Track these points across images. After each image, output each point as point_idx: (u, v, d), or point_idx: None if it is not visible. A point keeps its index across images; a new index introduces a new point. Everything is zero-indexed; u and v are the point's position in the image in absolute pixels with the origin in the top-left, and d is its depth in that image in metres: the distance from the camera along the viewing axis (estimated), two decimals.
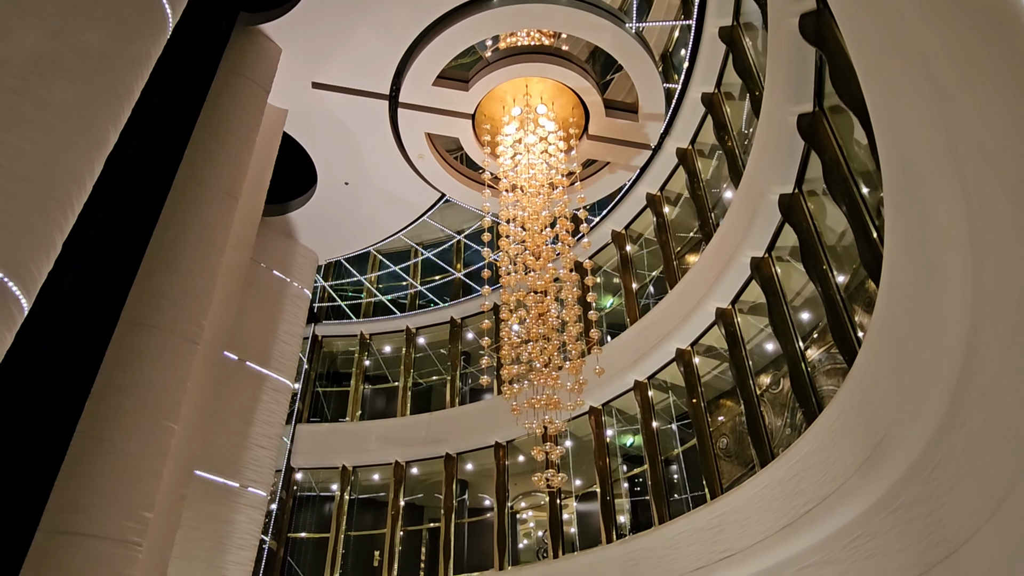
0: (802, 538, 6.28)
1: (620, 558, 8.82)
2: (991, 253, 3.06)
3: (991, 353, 3.29)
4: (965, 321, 3.26)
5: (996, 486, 3.65)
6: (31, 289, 2.53)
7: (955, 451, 4.05)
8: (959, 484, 4.15)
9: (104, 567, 4.44)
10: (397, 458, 12.58)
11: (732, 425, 10.07)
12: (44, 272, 2.61)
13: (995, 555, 3.86)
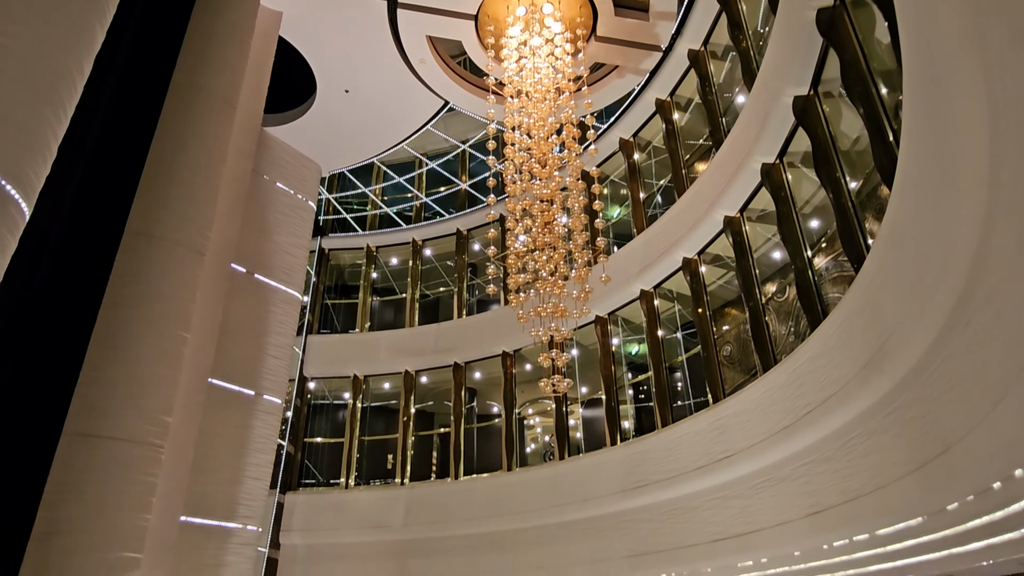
0: (800, 438, 6.48)
1: (623, 459, 9.16)
2: (1010, 155, 2.97)
3: (1001, 255, 3.25)
4: (977, 223, 3.20)
5: (994, 386, 3.71)
6: (30, 194, 2.50)
7: (956, 353, 4.09)
8: (958, 385, 4.22)
9: (129, 468, 4.63)
10: (407, 367, 12.89)
11: (736, 333, 10.19)
12: (42, 176, 2.57)
13: (989, 452, 3.98)
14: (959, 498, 4.39)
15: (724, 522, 7.68)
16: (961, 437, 4.19)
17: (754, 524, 7.26)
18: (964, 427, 4.15)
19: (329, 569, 10.92)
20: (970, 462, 4.12)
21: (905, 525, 5.22)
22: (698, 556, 7.92)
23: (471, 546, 10.35)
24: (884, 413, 5.30)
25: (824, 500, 6.21)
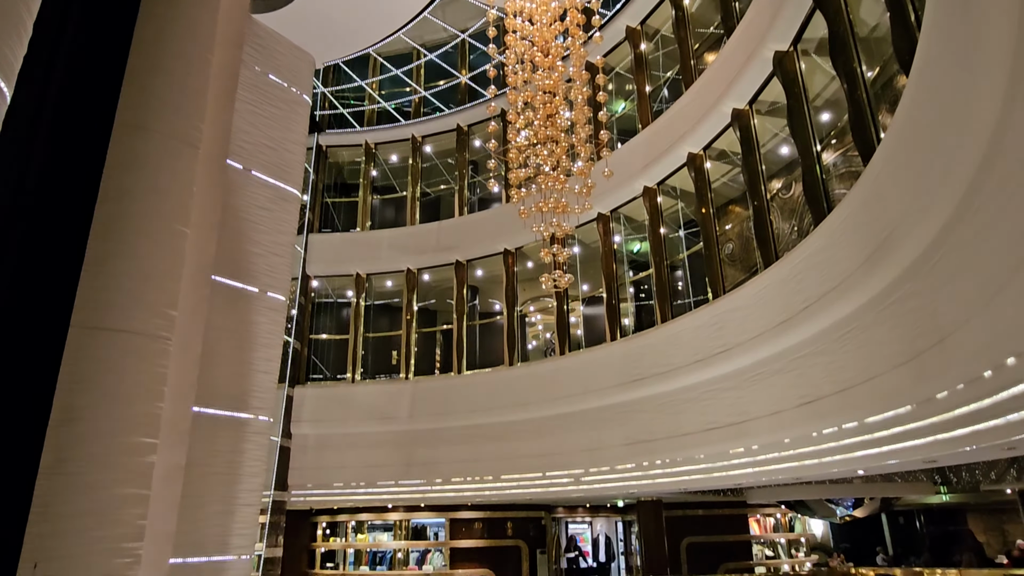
0: (797, 332, 6.58)
1: (623, 353, 9.37)
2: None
3: (1017, 138, 3.15)
4: (996, 102, 3.08)
5: (995, 277, 3.70)
6: (9, 74, 2.40)
7: (960, 244, 4.06)
8: (958, 276, 4.22)
9: (139, 359, 4.73)
10: (409, 265, 12.95)
11: (739, 231, 10.15)
12: (19, 56, 2.45)
13: (983, 342, 4.03)
14: (949, 387, 4.50)
15: (718, 412, 7.96)
16: (957, 328, 4.24)
17: (747, 414, 7.52)
18: (961, 318, 4.19)
19: (339, 456, 11.45)
20: (964, 352, 4.19)
21: (894, 413, 5.39)
22: (692, 443, 8.26)
23: (474, 436, 10.80)
24: (882, 306, 5.35)
25: (816, 391, 6.38)
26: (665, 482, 10.95)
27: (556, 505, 16.76)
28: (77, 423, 4.17)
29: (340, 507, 15.36)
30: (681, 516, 15.66)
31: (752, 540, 16.66)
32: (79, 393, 4.29)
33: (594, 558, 18.59)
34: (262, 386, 7.56)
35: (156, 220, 5.04)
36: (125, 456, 4.20)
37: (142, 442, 4.36)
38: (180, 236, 5.19)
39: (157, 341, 4.81)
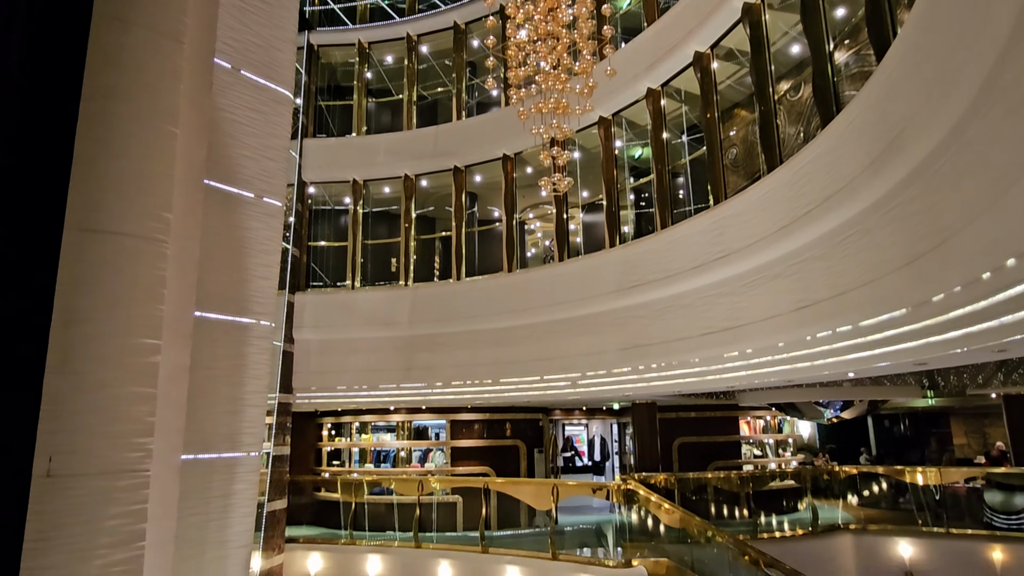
0: (797, 237, 6.55)
1: (621, 259, 9.38)
2: None
3: None
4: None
5: (1004, 175, 3.64)
6: None
7: (973, 142, 3.96)
8: (966, 177, 4.15)
9: (137, 261, 4.70)
10: (406, 171, 12.74)
11: (743, 135, 9.92)
12: None
13: (985, 243, 4.01)
14: (946, 289, 4.52)
15: (714, 317, 8.05)
16: (959, 230, 4.20)
17: (743, 319, 7.61)
18: (965, 219, 4.15)
19: (342, 361, 11.70)
20: (964, 254, 4.18)
21: (888, 316, 5.45)
22: (687, 348, 8.41)
23: (473, 341, 10.98)
24: (885, 210, 5.29)
25: (813, 295, 6.43)
26: (660, 385, 11.25)
27: (553, 408, 17.32)
28: (79, 324, 4.20)
29: (344, 409, 15.87)
30: (674, 418, 16.21)
31: (741, 440, 17.32)
32: (79, 295, 4.29)
33: (589, 457, 19.42)
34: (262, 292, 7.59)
35: (145, 120, 4.88)
36: (129, 356, 4.25)
37: (145, 343, 4.41)
38: (169, 136, 5.05)
39: (153, 244, 4.78)
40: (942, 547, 12.00)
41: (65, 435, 3.76)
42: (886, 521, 12.81)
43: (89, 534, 3.61)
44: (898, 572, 12.28)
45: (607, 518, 12.48)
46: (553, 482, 11.24)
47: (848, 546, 12.74)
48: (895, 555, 12.32)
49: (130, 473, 3.87)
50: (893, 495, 13.73)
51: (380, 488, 13.18)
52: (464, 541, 11.05)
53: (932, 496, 12.58)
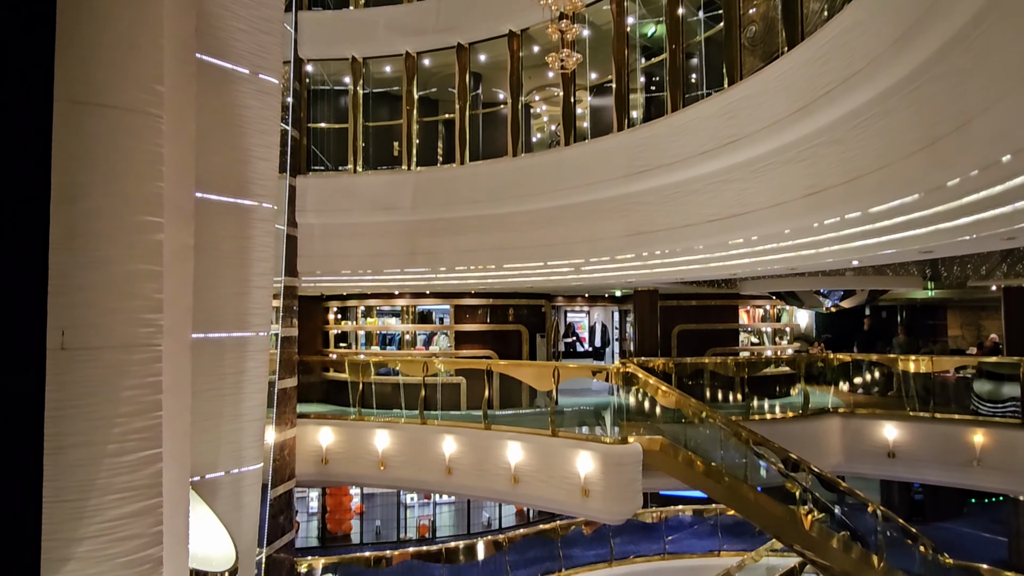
0: (813, 120, 6.32)
1: (629, 144, 9.14)
2: None
3: None
4: None
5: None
6: None
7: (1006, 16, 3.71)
8: (996, 53, 3.92)
9: (131, 136, 4.57)
10: (407, 48, 12.16)
11: (764, 11, 9.34)
12: None
13: (1010, 124, 3.86)
14: (963, 173, 4.40)
15: (721, 204, 7.94)
16: (984, 110, 4.03)
17: (750, 205, 7.51)
18: (990, 99, 3.96)
19: (345, 245, 11.72)
20: (986, 135, 4.03)
21: (900, 202, 5.36)
22: (692, 235, 8.37)
23: (477, 226, 10.94)
24: (908, 90, 5.06)
25: (824, 181, 6.30)
26: (663, 272, 11.32)
27: (556, 294, 17.55)
28: (80, 200, 4.14)
29: (349, 294, 16.11)
30: (675, 306, 16.45)
31: (740, 329, 17.67)
32: (76, 171, 4.21)
33: (590, 343, 19.91)
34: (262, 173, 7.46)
35: None
36: (132, 234, 4.23)
37: (147, 220, 4.37)
38: (155, 2, 4.77)
39: (147, 118, 4.62)
40: (926, 430, 12.51)
41: (76, 310, 3.82)
42: (874, 406, 13.29)
43: (108, 404, 3.74)
44: (881, 453, 12.89)
45: (605, 400, 12.95)
46: (554, 364, 11.57)
47: (835, 428, 13.29)
48: (880, 437, 12.87)
49: (143, 347, 3.96)
50: (884, 383, 14.15)
51: (386, 369, 13.62)
52: (467, 419, 11.53)
53: (921, 384, 12.96)
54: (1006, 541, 15.51)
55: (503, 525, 19.06)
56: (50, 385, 3.64)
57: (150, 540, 3.80)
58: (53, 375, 3.66)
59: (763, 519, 10.92)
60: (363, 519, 18.98)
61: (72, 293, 3.85)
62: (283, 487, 10.52)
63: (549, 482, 9.89)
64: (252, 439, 8.04)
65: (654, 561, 15.86)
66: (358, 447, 11.44)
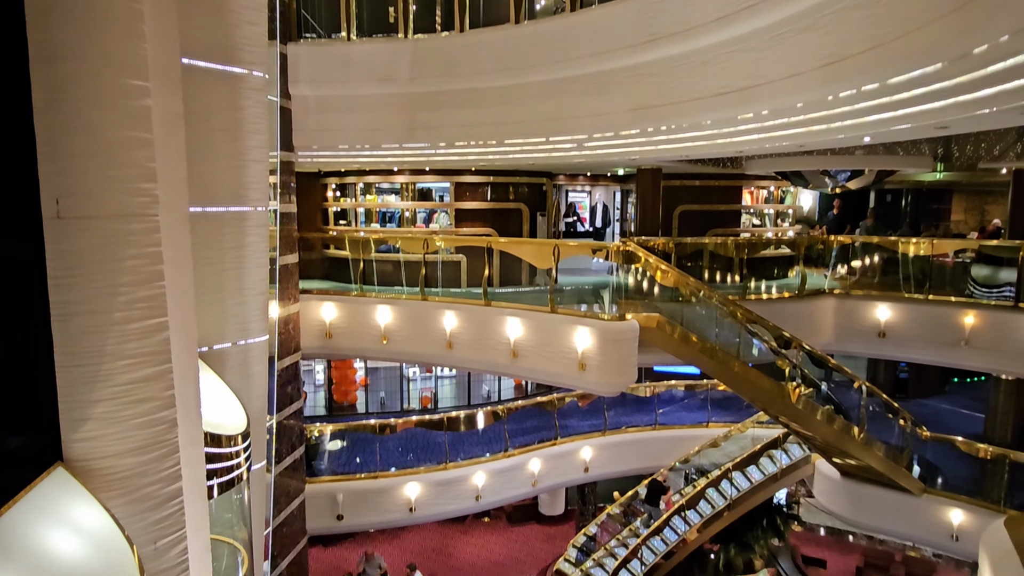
0: None
1: (639, 9, 8.55)
2: None
3: None
4: None
5: None
6: None
7: None
8: None
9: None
10: None
11: None
12: None
13: None
14: (992, 39, 4.15)
15: (731, 76, 7.59)
16: None
17: (762, 78, 7.18)
18: None
19: (342, 119, 11.34)
20: None
21: (920, 72, 5.11)
22: (699, 109, 8.07)
23: (477, 99, 10.53)
24: None
25: (843, 50, 5.96)
26: (668, 149, 11.05)
27: (558, 172, 17.26)
28: (60, 61, 3.94)
29: (347, 170, 15.83)
30: (678, 186, 16.23)
31: (742, 210, 17.55)
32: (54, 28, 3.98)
33: (591, 224, 19.84)
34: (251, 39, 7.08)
35: None
36: (118, 98, 4.05)
37: (133, 84, 4.17)
38: None
39: None
40: (918, 311, 12.74)
41: (67, 177, 3.74)
42: (870, 288, 13.45)
43: (110, 273, 3.75)
44: (872, 332, 13.20)
45: (604, 280, 13.08)
46: (554, 242, 11.57)
47: (829, 309, 13.52)
48: (872, 318, 13.14)
49: (140, 217, 3.92)
50: (882, 266, 14.24)
51: (387, 246, 13.66)
52: (468, 296, 11.70)
53: (919, 267, 13.04)
54: (983, 417, 16.27)
55: (502, 398, 19.90)
56: (50, 254, 3.63)
57: (163, 403, 3.95)
58: (52, 244, 3.64)
59: (753, 393, 11.39)
60: (367, 391, 19.78)
61: (63, 159, 3.75)
62: (289, 359, 10.86)
63: (547, 356, 10.20)
64: (256, 312, 8.19)
65: (645, 431, 16.72)
66: (361, 322, 11.69)
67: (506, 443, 14.50)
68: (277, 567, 10.56)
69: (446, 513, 13.89)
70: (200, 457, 4.74)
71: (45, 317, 3.57)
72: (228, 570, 6.82)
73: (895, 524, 12.46)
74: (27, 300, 3.58)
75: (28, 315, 3.55)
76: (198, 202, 6.87)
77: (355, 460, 13.62)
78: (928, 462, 12.85)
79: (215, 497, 5.44)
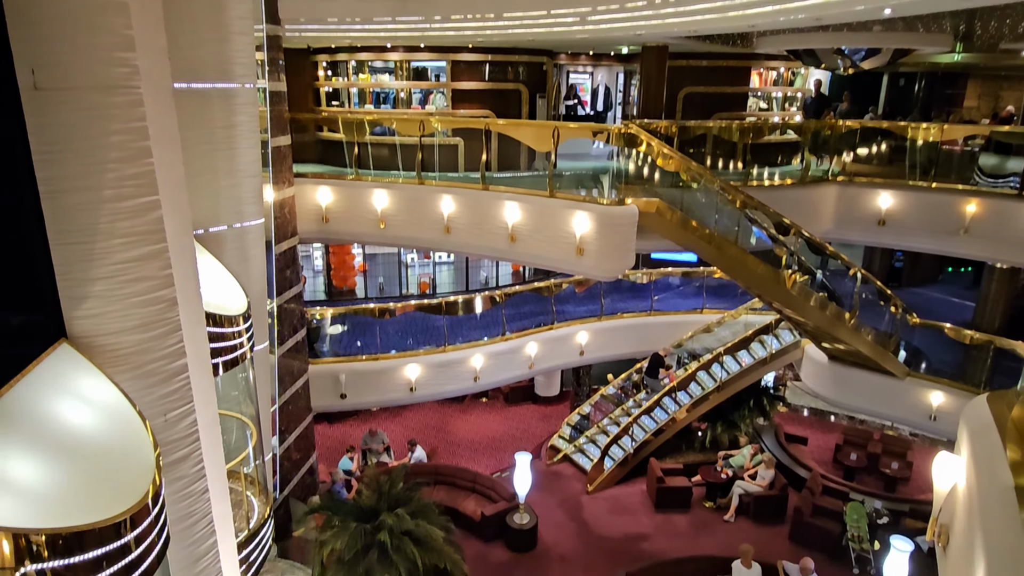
0: None
1: None
2: None
3: None
4: None
5: None
6: None
7: None
8: None
9: None
10: None
11: None
12: None
13: None
14: None
15: None
16: None
17: None
18: None
19: None
20: None
21: None
22: None
23: None
24: None
25: None
26: (676, 22, 10.47)
27: (559, 51, 16.48)
28: None
29: (338, 46, 15.08)
30: (684, 67, 15.56)
31: (750, 92, 16.94)
32: None
33: (592, 107, 19.19)
34: None
35: None
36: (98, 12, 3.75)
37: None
38: None
39: None
40: (920, 199, 12.62)
41: (41, 45, 3.53)
42: (875, 176, 13.24)
43: (96, 148, 3.63)
44: (872, 220, 13.13)
45: (604, 165, 12.81)
46: (554, 124, 11.22)
47: (832, 196, 13.37)
48: (873, 205, 13.02)
49: (122, 89, 3.75)
50: (889, 152, 13.94)
51: (382, 128, 13.24)
52: (466, 180, 11.50)
53: (926, 155, 12.77)
54: (973, 306, 16.55)
55: (500, 284, 20.10)
56: (31, 128, 3.49)
57: (161, 282, 3.94)
58: (32, 117, 3.49)
59: (749, 279, 11.49)
60: (366, 277, 19.94)
61: (32, 27, 3.52)
62: (286, 243, 10.83)
63: (545, 241, 10.17)
64: (251, 194, 8.05)
65: (640, 317, 17.03)
66: (357, 206, 11.56)
67: (503, 327, 14.78)
68: (285, 441, 11.08)
69: (445, 393, 14.40)
70: (203, 336, 4.80)
71: (34, 194, 3.49)
72: (238, 442, 7.15)
73: (877, 405, 12.99)
74: (13, 176, 3.48)
75: (16, 192, 3.46)
76: (182, 78, 6.55)
77: (356, 343, 13.94)
78: (914, 348, 13.20)
79: (220, 375, 5.58)
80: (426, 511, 9.63)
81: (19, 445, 2.89)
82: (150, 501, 3.14)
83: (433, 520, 9.52)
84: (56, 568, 2.56)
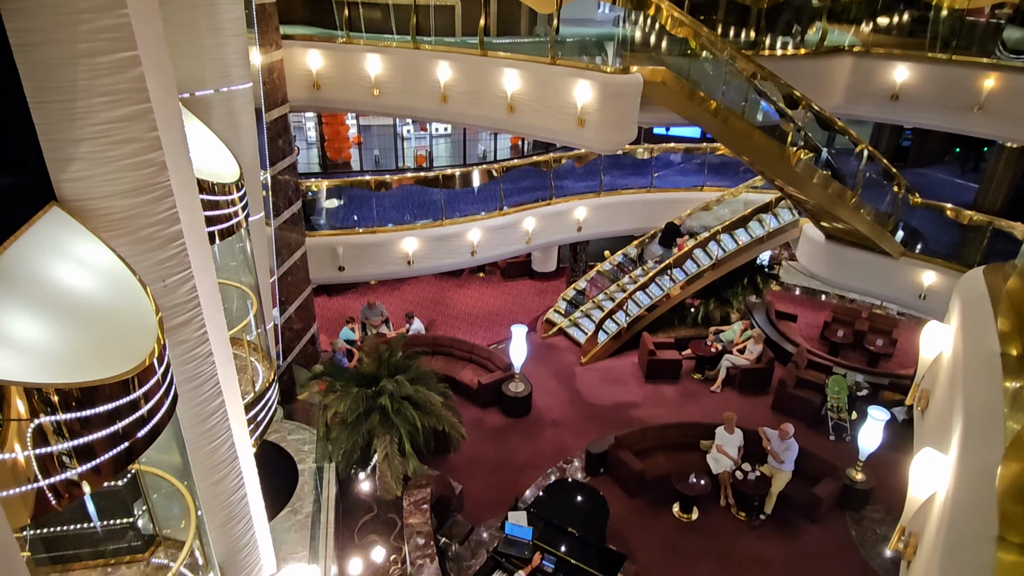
0: None
1: None
2: None
3: None
4: None
5: None
6: None
7: None
8: None
9: None
10: None
11: None
12: None
13: None
14: None
15: None
16: None
17: None
18: None
19: None
20: None
21: None
22: None
23: None
24: None
25: None
26: None
27: None
28: None
29: None
30: None
31: None
32: None
33: None
34: None
35: None
36: None
37: None
38: None
39: None
40: (937, 73, 12.11)
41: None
42: (893, 47, 12.60)
43: None
44: (885, 95, 12.66)
45: (609, 31, 12.13)
46: None
47: (846, 68, 12.80)
48: (888, 79, 12.50)
49: None
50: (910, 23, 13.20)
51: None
52: (463, 45, 10.92)
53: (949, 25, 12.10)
54: (977, 187, 16.34)
55: (498, 158, 19.69)
56: None
57: (148, 145, 3.80)
58: None
59: (753, 153, 11.24)
60: (361, 149, 19.48)
61: None
62: (277, 111, 10.45)
63: (545, 111, 9.82)
64: (236, 56, 7.65)
65: (640, 193, 16.86)
66: (349, 72, 11.04)
67: (501, 202, 14.65)
68: (286, 311, 11.28)
69: (443, 267, 14.50)
70: (196, 203, 4.72)
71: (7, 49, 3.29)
72: (239, 312, 7.26)
73: (870, 284, 13.17)
74: None
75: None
76: None
77: (352, 217, 13.84)
78: (913, 228, 13.18)
79: (216, 243, 5.55)
80: (425, 378, 9.99)
81: (20, 306, 2.90)
82: (155, 360, 3.21)
83: (432, 386, 9.90)
84: (69, 420, 2.64)
